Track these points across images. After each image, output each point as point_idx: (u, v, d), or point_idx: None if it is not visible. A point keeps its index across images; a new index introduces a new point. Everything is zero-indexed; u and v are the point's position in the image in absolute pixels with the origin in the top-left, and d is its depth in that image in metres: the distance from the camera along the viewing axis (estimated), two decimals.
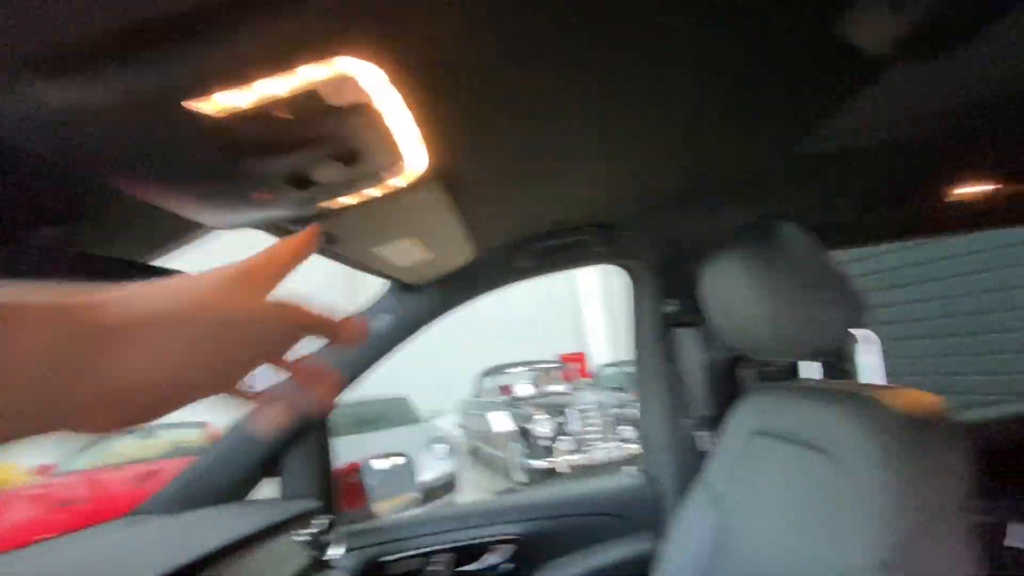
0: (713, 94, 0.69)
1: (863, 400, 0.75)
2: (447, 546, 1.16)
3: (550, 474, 5.36)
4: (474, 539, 1.17)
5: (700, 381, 1.24)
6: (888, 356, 4.01)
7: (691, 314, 1.19)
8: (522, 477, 5.57)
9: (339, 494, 1.15)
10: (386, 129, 0.50)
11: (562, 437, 5.57)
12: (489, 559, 1.17)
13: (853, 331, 0.82)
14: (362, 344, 1.13)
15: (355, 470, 1.20)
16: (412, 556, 1.13)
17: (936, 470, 0.68)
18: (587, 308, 12.34)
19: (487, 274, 1.21)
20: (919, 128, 0.93)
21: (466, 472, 6.05)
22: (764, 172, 1.01)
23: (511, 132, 0.67)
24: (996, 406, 1.42)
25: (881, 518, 0.66)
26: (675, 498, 1.17)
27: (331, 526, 0.99)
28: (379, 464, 1.29)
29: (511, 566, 1.17)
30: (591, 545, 1.22)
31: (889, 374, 3.98)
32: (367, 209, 0.66)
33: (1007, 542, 1.24)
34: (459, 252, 1.04)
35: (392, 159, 0.56)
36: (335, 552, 0.97)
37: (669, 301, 1.24)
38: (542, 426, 5.59)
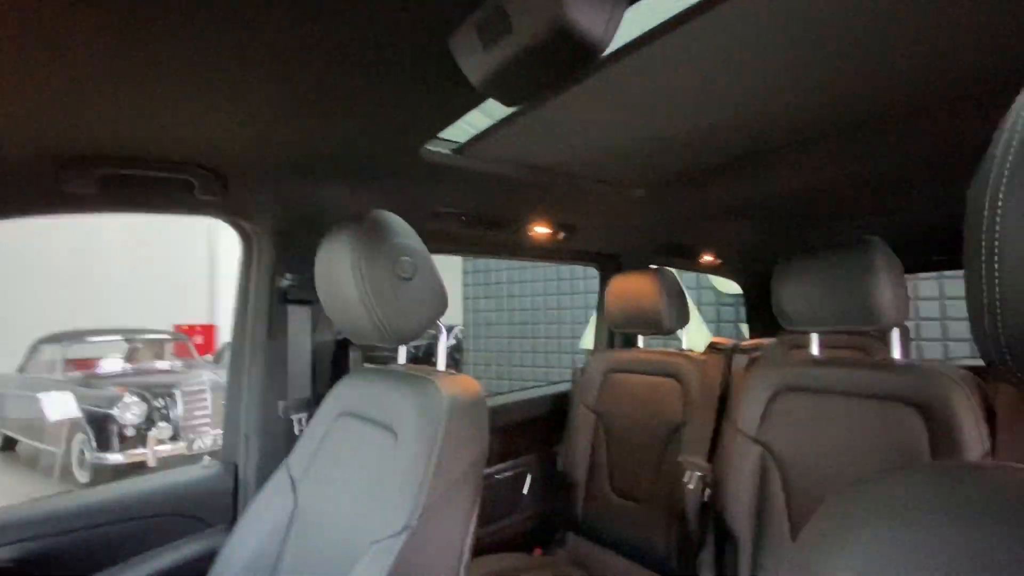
0: (342, 71, 0.66)
1: (424, 383, 0.85)
2: None
3: (134, 470, 4.34)
4: None
5: (306, 362, 1.18)
6: (481, 350, 6.13)
7: (306, 291, 1.12)
8: (85, 477, 4.33)
9: None
10: None
11: (161, 424, 4.60)
12: None
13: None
14: None
15: None
16: None
17: (465, 442, 0.81)
18: (222, 275, 10.70)
19: (4, 191, 0.83)
20: (514, 172, 1.13)
21: None
22: (387, 167, 1.04)
23: None
24: (515, 392, 1.90)
25: (416, 487, 0.74)
26: (258, 487, 1.07)
27: None
28: None
29: None
30: (139, 554, 0.99)
31: (483, 363, 5.87)
32: None
33: (524, 490, 1.66)
34: None
35: None
36: None
37: (285, 275, 1.14)
38: (130, 411, 4.48)
